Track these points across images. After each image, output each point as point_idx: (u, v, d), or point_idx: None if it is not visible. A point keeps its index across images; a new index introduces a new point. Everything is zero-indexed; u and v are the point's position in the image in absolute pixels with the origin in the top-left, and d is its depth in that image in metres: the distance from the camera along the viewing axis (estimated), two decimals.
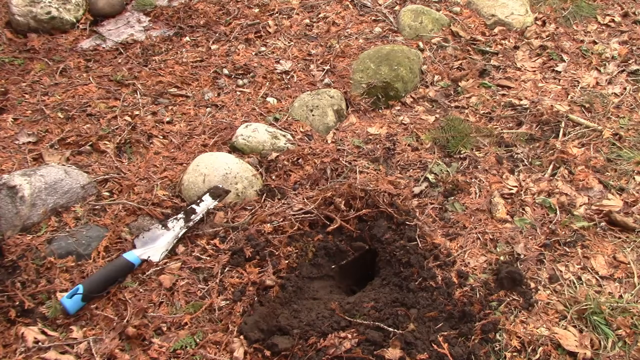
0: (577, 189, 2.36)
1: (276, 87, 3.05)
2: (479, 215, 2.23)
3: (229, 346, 1.72)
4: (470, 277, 1.96)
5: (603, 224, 2.18)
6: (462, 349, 1.68)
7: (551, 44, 3.34)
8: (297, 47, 3.34)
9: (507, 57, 3.25)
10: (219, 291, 1.91)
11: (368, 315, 1.81)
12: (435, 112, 2.90)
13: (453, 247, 2.08)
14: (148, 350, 1.72)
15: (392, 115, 2.89)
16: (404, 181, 2.40)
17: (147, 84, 3.01)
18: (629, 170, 2.43)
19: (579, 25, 3.54)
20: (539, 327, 1.79)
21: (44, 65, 3.10)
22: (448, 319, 1.80)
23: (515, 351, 1.72)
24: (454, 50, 3.30)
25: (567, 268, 2.01)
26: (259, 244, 2.03)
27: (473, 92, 3.00)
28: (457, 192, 2.35)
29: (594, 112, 2.81)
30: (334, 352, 1.66)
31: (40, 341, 1.71)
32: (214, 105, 2.91)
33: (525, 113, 2.81)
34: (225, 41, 3.41)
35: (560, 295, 1.90)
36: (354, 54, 3.23)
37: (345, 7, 3.69)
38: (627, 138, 2.63)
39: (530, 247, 2.08)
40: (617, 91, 2.97)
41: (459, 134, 2.63)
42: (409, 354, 1.66)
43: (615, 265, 2.02)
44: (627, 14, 3.64)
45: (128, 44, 3.35)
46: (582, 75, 3.10)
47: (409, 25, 3.42)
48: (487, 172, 2.47)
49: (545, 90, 2.99)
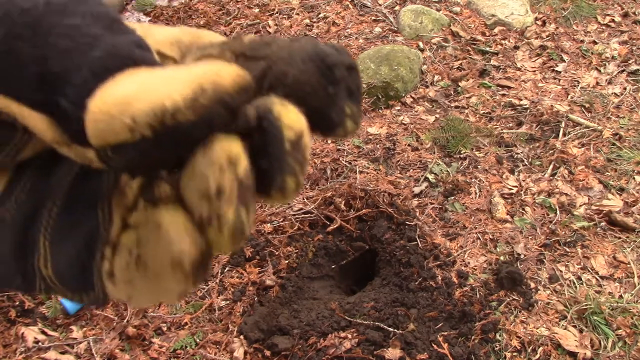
0: (577, 189, 2.36)
1: None
2: (479, 215, 2.23)
3: (229, 346, 1.72)
4: (470, 277, 1.96)
5: (603, 224, 2.17)
6: (462, 349, 1.68)
7: (551, 44, 3.34)
8: None
9: (507, 57, 3.25)
10: (219, 291, 1.91)
11: (368, 315, 1.81)
12: (435, 112, 2.90)
13: (453, 247, 2.08)
14: (148, 350, 1.72)
15: (392, 115, 2.89)
16: (404, 181, 2.40)
17: None
18: (629, 170, 2.43)
19: (579, 25, 3.54)
20: (539, 327, 1.79)
21: None
22: (448, 319, 1.80)
23: (515, 351, 1.72)
24: (454, 50, 3.30)
25: (567, 268, 2.01)
26: (259, 244, 2.03)
27: (473, 92, 3.00)
28: (457, 192, 2.35)
29: (594, 112, 2.81)
30: (334, 352, 1.66)
31: (40, 341, 1.71)
32: None
33: (525, 113, 2.81)
34: None
35: (560, 295, 1.90)
36: (354, 54, 3.23)
37: (345, 7, 3.69)
38: (627, 138, 2.63)
39: (530, 247, 2.08)
40: (617, 91, 2.97)
41: (459, 134, 2.63)
42: (409, 354, 1.66)
43: (615, 265, 2.02)
44: (627, 14, 3.64)
45: None
46: (582, 75, 3.10)
47: (409, 25, 3.42)
48: (487, 172, 2.47)
49: (545, 90, 2.99)
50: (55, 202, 0.24)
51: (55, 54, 0.20)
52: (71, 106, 0.20)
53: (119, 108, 0.19)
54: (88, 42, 0.20)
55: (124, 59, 0.20)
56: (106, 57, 0.20)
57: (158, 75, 0.20)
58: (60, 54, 0.20)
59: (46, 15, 0.20)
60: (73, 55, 0.20)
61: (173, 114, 0.18)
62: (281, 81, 0.22)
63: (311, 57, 0.22)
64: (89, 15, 0.21)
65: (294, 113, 0.21)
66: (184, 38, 0.26)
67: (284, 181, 0.20)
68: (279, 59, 0.22)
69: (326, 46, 0.23)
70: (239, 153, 0.20)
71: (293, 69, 0.22)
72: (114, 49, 0.20)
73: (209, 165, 0.19)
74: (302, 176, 0.21)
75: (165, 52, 0.25)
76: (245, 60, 0.23)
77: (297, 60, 0.22)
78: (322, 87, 0.22)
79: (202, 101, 0.19)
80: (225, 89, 0.19)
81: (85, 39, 0.20)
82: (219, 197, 0.19)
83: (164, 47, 0.25)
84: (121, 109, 0.18)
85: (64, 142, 0.21)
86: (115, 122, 0.18)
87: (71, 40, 0.20)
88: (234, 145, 0.20)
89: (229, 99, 0.20)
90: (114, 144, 0.19)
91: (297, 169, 0.20)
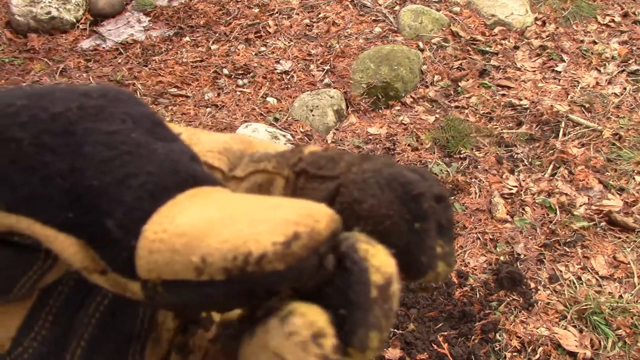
0: (577, 189, 2.36)
1: (276, 87, 3.05)
2: (479, 215, 2.23)
3: None
4: (470, 277, 1.96)
5: (603, 224, 2.17)
6: (462, 349, 1.68)
7: (551, 44, 3.34)
8: (297, 47, 3.34)
9: (507, 57, 3.25)
10: None
11: None
12: (435, 112, 2.90)
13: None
14: None
15: (392, 115, 2.89)
16: None
17: (147, 84, 3.01)
18: (629, 170, 2.43)
19: (579, 25, 3.54)
20: (539, 327, 1.79)
21: (44, 65, 3.10)
22: (448, 319, 1.80)
23: (515, 351, 1.72)
24: (454, 50, 3.30)
25: (567, 268, 2.01)
26: None
27: (473, 92, 3.00)
28: (457, 192, 2.35)
29: (594, 112, 2.81)
30: None
31: None
32: (214, 106, 2.91)
33: (525, 113, 2.81)
34: (225, 41, 3.41)
35: (560, 295, 1.90)
36: (354, 54, 3.23)
37: (345, 7, 3.69)
38: (627, 138, 2.63)
39: (530, 247, 2.08)
40: (617, 91, 2.97)
41: (459, 134, 2.63)
42: (409, 354, 1.66)
43: (615, 265, 2.02)
44: (627, 14, 3.64)
45: (128, 44, 3.35)
46: (582, 75, 3.10)
47: (409, 25, 3.42)
48: (487, 172, 2.47)
49: (545, 90, 2.99)
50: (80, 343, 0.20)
51: (92, 166, 0.17)
52: (119, 230, 0.16)
53: (184, 242, 0.16)
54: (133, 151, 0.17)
55: (182, 175, 0.17)
56: (161, 173, 0.17)
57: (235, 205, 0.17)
58: (98, 166, 0.17)
59: (80, 121, 0.17)
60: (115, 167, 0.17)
61: (258, 261, 0.15)
62: (355, 212, 0.18)
63: (389, 184, 0.18)
64: (130, 119, 0.18)
65: (383, 254, 0.17)
66: (234, 146, 0.23)
67: (367, 337, 0.16)
68: (350, 182, 0.19)
69: (407, 170, 0.19)
70: (325, 326, 0.16)
71: (369, 198, 0.18)
72: (170, 163, 0.17)
73: (288, 339, 0.16)
74: (387, 332, 0.17)
75: (213, 164, 0.22)
76: (308, 179, 0.19)
77: (372, 185, 0.19)
78: (407, 223, 0.18)
79: (295, 250, 0.15)
80: (321, 237, 0.16)
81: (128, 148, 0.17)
82: None
83: (212, 157, 0.22)
84: (188, 243, 0.16)
85: (97, 269, 0.18)
86: (177, 258, 0.16)
87: (110, 149, 0.17)
88: (318, 316, 0.16)
89: (323, 249, 0.16)
90: (169, 280, 0.16)
91: (384, 323, 0.17)
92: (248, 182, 0.21)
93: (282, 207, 0.16)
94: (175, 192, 0.17)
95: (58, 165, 0.17)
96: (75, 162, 0.17)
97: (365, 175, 0.19)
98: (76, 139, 0.17)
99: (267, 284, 0.16)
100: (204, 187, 0.18)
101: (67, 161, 0.17)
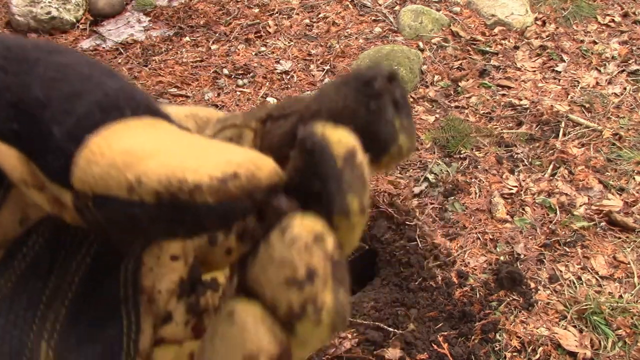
0: (577, 189, 2.36)
1: (276, 87, 3.05)
2: (479, 215, 2.23)
3: None
4: (470, 277, 1.96)
5: (603, 224, 2.18)
6: (462, 349, 1.68)
7: (551, 44, 3.34)
8: (297, 47, 3.34)
9: (507, 57, 3.25)
10: None
11: (368, 315, 1.81)
12: (435, 112, 2.90)
13: (453, 247, 2.08)
14: None
15: None
16: (404, 181, 2.40)
17: (147, 84, 3.01)
18: (629, 170, 2.43)
19: (579, 25, 3.54)
20: (539, 327, 1.79)
21: None
22: (448, 319, 1.80)
23: (515, 351, 1.72)
24: (454, 50, 3.30)
25: (567, 268, 2.01)
26: None
27: (473, 92, 3.00)
28: (457, 192, 2.35)
29: (594, 112, 2.81)
30: (334, 352, 1.66)
31: None
32: (214, 106, 2.91)
33: (525, 113, 2.81)
34: (225, 41, 3.41)
35: (560, 295, 1.90)
36: (354, 54, 3.23)
37: (345, 7, 3.69)
38: (627, 138, 2.63)
39: (530, 247, 2.08)
40: (617, 91, 2.97)
41: (459, 134, 2.63)
42: (409, 354, 1.66)
43: (615, 265, 2.02)
44: (627, 14, 3.64)
45: (128, 44, 3.35)
46: (582, 75, 3.10)
47: (409, 25, 3.42)
48: (487, 172, 2.47)
49: (545, 90, 2.99)
50: (64, 302, 0.20)
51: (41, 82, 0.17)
52: (64, 136, 0.16)
53: (125, 159, 0.16)
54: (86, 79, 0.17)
55: (137, 101, 0.17)
56: (115, 95, 0.17)
57: (185, 140, 0.17)
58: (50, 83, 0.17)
59: (35, 51, 0.17)
60: (66, 85, 0.17)
61: (191, 190, 0.15)
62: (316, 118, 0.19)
63: (344, 82, 0.19)
64: (85, 61, 0.18)
65: (341, 130, 0.18)
66: (200, 113, 0.23)
67: (345, 200, 0.17)
68: (311, 104, 0.20)
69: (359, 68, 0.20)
70: (323, 229, 0.17)
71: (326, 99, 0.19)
72: (125, 91, 0.17)
73: (291, 246, 0.16)
74: (365, 197, 0.18)
75: (180, 123, 0.22)
76: (273, 122, 0.20)
77: (328, 88, 0.19)
78: (362, 105, 0.19)
79: (230, 188, 0.16)
80: (260, 184, 0.17)
81: (81, 76, 0.17)
82: (312, 279, 0.16)
83: (178, 120, 0.22)
84: (128, 161, 0.16)
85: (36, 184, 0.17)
86: (113, 172, 0.16)
87: (63, 74, 0.17)
88: (315, 221, 0.17)
89: (259, 196, 0.17)
90: (100, 195, 0.16)
91: (358, 186, 0.17)
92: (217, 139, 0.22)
93: (231, 150, 0.17)
94: (128, 114, 0.17)
95: (8, 81, 0.17)
96: (25, 79, 0.17)
97: (322, 90, 0.20)
98: (29, 64, 0.17)
99: (195, 215, 0.16)
100: (160, 119, 0.18)
101: (18, 79, 0.17)
